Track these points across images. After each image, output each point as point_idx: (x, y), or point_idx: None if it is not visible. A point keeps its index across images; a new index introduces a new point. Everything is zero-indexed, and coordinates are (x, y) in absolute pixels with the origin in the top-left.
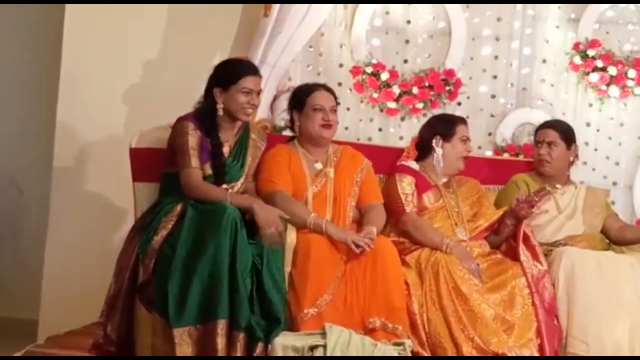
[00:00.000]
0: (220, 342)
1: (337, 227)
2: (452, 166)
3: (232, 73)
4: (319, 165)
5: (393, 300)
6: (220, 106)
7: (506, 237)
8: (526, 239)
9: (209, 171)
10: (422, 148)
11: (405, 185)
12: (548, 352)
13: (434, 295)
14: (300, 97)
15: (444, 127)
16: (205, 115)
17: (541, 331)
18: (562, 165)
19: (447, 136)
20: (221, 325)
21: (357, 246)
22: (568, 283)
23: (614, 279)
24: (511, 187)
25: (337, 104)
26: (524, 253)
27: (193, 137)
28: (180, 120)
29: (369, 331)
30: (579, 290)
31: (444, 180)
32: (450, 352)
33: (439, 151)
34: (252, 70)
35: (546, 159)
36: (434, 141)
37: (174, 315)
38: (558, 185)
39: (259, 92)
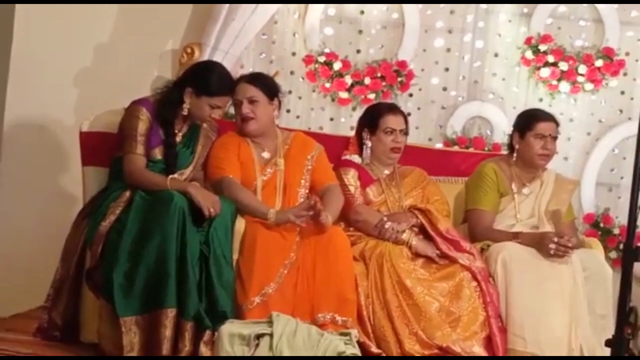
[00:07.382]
0: (165, 332)
1: (279, 212)
2: (383, 159)
3: (212, 86)
4: (266, 155)
5: (345, 291)
6: (186, 106)
7: None
8: (446, 239)
9: (159, 156)
10: (359, 141)
11: (350, 178)
12: (501, 351)
13: (379, 288)
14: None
15: (369, 119)
16: (165, 105)
17: (491, 326)
18: None
19: (372, 129)
20: (167, 315)
21: (300, 217)
22: (505, 278)
23: (551, 274)
24: (488, 178)
25: (271, 91)
26: (461, 258)
27: (143, 123)
28: (135, 104)
29: (319, 325)
30: (516, 285)
31: (387, 172)
32: (393, 346)
33: (367, 144)
34: (230, 91)
35: (552, 154)
36: (363, 135)
37: (120, 303)
38: (526, 184)
39: (221, 108)
